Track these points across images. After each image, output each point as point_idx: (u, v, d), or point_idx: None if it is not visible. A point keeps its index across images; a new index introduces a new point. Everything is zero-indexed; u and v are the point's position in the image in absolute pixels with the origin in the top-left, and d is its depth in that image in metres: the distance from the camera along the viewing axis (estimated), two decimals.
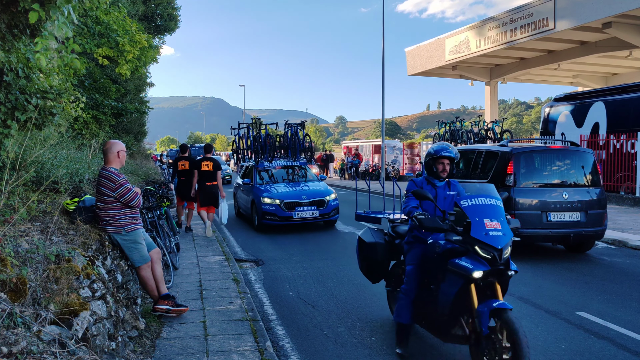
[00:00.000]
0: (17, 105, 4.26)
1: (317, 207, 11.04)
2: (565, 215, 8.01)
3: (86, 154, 7.35)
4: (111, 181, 4.80)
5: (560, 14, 18.99)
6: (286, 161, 13.15)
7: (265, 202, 11.05)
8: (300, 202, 10.99)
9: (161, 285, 5.25)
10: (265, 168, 12.65)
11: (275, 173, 12.67)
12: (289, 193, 11.19)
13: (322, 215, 11.12)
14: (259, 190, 11.53)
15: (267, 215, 10.97)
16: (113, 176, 4.82)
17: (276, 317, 5.64)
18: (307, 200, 11.04)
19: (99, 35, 9.76)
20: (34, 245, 3.55)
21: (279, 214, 10.88)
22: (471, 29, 24.16)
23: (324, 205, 11.15)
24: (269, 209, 10.93)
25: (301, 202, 11.00)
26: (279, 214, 10.88)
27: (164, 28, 24.38)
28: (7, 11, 3.32)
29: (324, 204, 11.18)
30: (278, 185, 11.75)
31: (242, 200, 13.17)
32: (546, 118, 17.75)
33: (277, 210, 10.88)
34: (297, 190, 11.36)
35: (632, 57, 22.26)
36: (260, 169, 12.58)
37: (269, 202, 11.00)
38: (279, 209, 10.88)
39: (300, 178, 12.71)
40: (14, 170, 4.16)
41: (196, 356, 4.19)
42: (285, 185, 11.79)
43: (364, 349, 4.66)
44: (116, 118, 13.69)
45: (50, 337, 2.68)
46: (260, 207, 11.07)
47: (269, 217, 10.96)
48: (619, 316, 5.41)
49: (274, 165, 12.81)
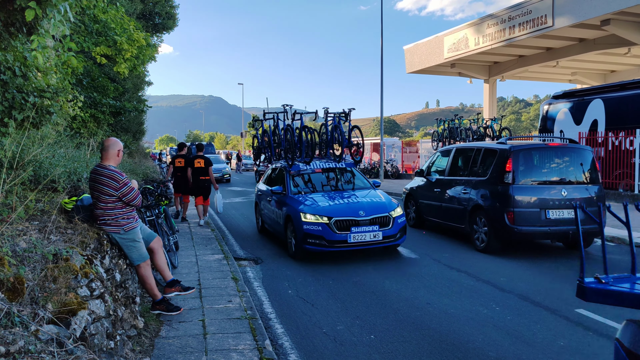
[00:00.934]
0: (14, 104, 4.25)
1: (380, 226, 7.99)
2: (564, 213, 8.01)
3: (84, 152, 7.33)
4: (115, 180, 4.77)
5: (558, 11, 18.98)
6: (328, 162, 9.85)
7: (307, 219, 8.03)
8: (358, 220, 7.92)
9: (166, 273, 5.31)
10: (301, 172, 9.56)
11: (314, 178, 9.60)
12: (339, 207, 8.16)
13: (386, 238, 8.02)
14: (296, 202, 8.54)
15: (310, 239, 7.97)
16: (116, 175, 4.80)
17: (275, 315, 5.64)
18: (366, 217, 7.98)
19: (97, 34, 9.74)
20: (31, 244, 3.54)
21: (327, 237, 7.85)
22: (470, 26, 24.14)
23: (389, 225, 8.07)
24: (314, 230, 7.94)
25: (358, 219, 7.93)
26: (328, 236, 7.85)
27: (162, 26, 24.34)
28: (3, 9, 3.31)
29: (389, 222, 8.09)
30: (320, 196, 8.71)
31: (268, 213, 10.04)
32: (545, 115, 17.75)
33: (324, 231, 7.88)
34: (348, 202, 8.32)
35: (630, 55, 22.25)
36: (294, 173, 9.50)
37: (313, 221, 7.99)
38: (328, 230, 7.86)
39: (347, 185, 9.60)
40: (11, 169, 4.14)
41: (195, 355, 4.19)
42: (329, 195, 8.76)
43: (362, 347, 4.66)
44: (114, 117, 13.67)
45: (48, 336, 2.67)
46: (301, 227, 8.04)
47: (313, 240, 7.96)
48: (618, 313, 5.41)
49: (312, 167, 9.67)
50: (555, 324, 5.14)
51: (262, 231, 11.01)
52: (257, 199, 11.25)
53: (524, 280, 6.78)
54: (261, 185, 11.20)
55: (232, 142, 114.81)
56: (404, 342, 4.73)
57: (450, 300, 5.95)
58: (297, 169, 9.51)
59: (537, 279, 6.86)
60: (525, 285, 6.54)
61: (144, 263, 5.02)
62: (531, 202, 8.01)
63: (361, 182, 9.72)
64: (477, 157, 9.24)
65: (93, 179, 4.82)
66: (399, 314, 5.53)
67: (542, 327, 5.04)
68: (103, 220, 4.81)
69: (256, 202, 11.38)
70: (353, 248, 7.93)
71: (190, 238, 9.70)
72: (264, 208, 10.45)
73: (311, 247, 8.01)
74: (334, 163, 9.83)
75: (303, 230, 8.01)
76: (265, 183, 10.94)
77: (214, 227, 11.15)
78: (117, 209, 4.84)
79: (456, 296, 6.12)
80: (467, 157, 9.68)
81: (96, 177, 4.80)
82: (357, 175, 9.87)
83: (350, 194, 8.82)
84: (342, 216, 7.94)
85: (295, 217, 8.23)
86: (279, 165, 10.42)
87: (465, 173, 9.55)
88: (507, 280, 6.80)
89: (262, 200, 10.64)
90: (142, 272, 5.04)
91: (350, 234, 7.83)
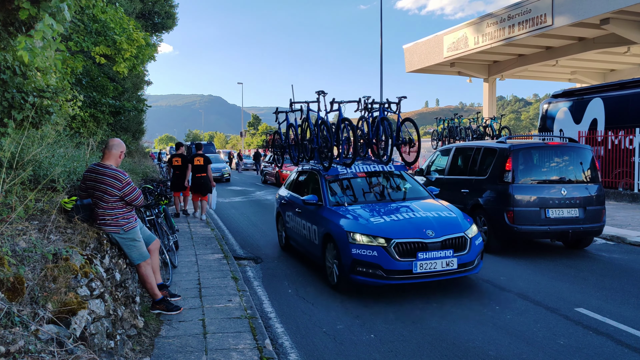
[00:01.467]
0: (13, 103, 4.25)
1: (454, 251, 6.03)
2: (564, 212, 8.01)
3: (84, 152, 7.32)
4: (118, 180, 4.76)
5: (558, 10, 18.98)
6: (373, 165, 7.89)
7: (356, 241, 6.06)
8: (426, 243, 5.94)
9: (157, 275, 5.31)
10: (340, 176, 7.64)
11: (356, 185, 7.66)
12: (399, 225, 6.16)
13: (462, 266, 6.07)
14: (339, 216, 6.59)
15: (361, 267, 5.97)
16: (120, 175, 4.79)
17: (275, 314, 5.64)
18: (436, 238, 6.00)
19: (96, 34, 9.74)
20: (31, 244, 3.54)
21: (386, 266, 5.85)
22: (469, 25, 24.14)
23: (465, 249, 6.13)
24: (366, 256, 5.93)
25: (426, 242, 5.95)
26: (387, 264, 5.85)
27: (161, 26, 24.34)
28: (2, 8, 3.30)
29: (465, 244, 6.15)
30: (367, 209, 6.71)
31: (297, 228, 7.99)
32: (544, 115, 17.75)
33: (382, 257, 5.88)
34: (410, 218, 6.32)
35: (630, 53, 22.26)
36: (330, 178, 7.59)
37: (365, 243, 6.00)
38: (386, 257, 5.86)
39: (397, 193, 7.60)
40: (11, 169, 4.14)
41: (195, 354, 4.19)
42: (379, 208, 6.76)
43: (362, 347, 4.66)
44: (114, 116, 13.67)
45: (48, 336, 2.67)
46: (347, 251, 6.07)
47: (364, 269, 5.95)
48: (617, 312, 5.42)
49: (354, 171, 7.71)
50: (555, 323, 5.15)
51: (286, 248, 8.94)
52: (280, 208, 9.14)
53: (523, 279, 6.78)
54: (283, 191, 9.36)
55: (231, 142, 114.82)
56: (403, 341, 4.74)
57: (449, 300, 5.95)
58: (335, 173, 7.61)
59: (537, 278, 6.86)
60: (525, 284, 6.55)
61: (145, 262, 5.02)
62: (531, 201, 8.01)
63: (416, 189, 7.72)
64: (477, 157, 9.24)
65: (93, 178, 4.79)
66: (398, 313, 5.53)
67: (542, 326, 5.04)
68: (103, 220, 4.80)
69: (278, 212, 9.30)
70: (420, 280, 5.97)
71: (190, 237, 9.70)
72: (290, 221, 8.38)
73: (362, 279, 6.00)
74: (380, 165, 7.85)
75: (351, 256, 6.00)
76: (289, 189, 9.08)
77: (214, 226, 11.15)
78: (117, 209, 4.83)
79: (455, 295, 6.12)
80: (467, 156, 9.68)
81: (97, 176, 4.78)
82: (410, 181, 7.92)
83: (407, 205, 6.84)
84: (405, 237, 5.94)
85: (338, 237, 6.27)
86: (308, 168, 8.52)
87: (464, 172, 9.55)
88: (507, 279, 6.80)
89: (288, 210, 8.59)
90: (143, 272, 5.04)
91: (416, 262, 5.83)
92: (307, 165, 8.72)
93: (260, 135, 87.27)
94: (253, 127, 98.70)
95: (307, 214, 7.48)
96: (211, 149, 35.24)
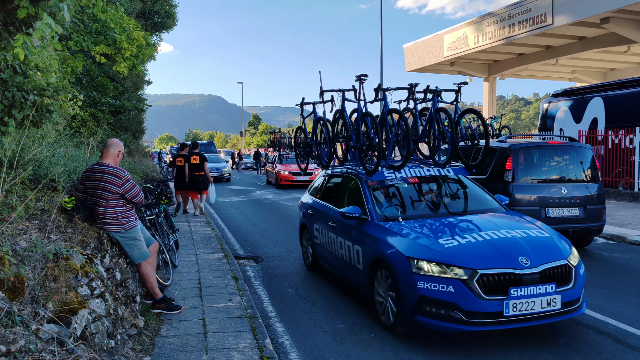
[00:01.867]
0: (14, 102, 4.25)
1: (557, 284, 4.54)
2: (564, 211, 8.01)
3: (84, 151, 7.33)
4: (118, 177, 4.77)
5: (558, 9, 18.98)
6: (426, 167, 6.35)
7: (422, 270, 4.59)
8: (520, 276, 4.44)
9: None
10: (387, 182, 6.06)
11: (407, 193, 6.14)
12: (479, 248, 4.69)
13: (566, 304, 4.57)
14: (393, 235, 5.12)
15: (430, 306, 4.53)
16: (119, 172, 4.80)
17: (275, 314, 5.64)
18: (533, 268, 4.49)
19: (96, 33, 9.74)
20: (32, 243, 3.54)
21: (465, 305, 4.38)
22: (469, 24, 24.13)
23: (570, 281, 4.65)
24: (438, 292, 4.47)
25: (521, 273, 4.45)
26: (467, 304, 4.38)
27: (161, 25, 24.34)
28: (2, 8, 3.30)
29: (570, 276, 4.68)
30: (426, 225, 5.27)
31: (331, 246, 6.49)
32: (544, 114, 17.75)
33: (460, 294, 4.40)
34: (492, 240, 4.81)
35: (630, 53, 22.26)
36: (375, 185, 6.07)
37: (437, 274, 4.53)
38: (466, 293, 4.39)
39: (458, 204, 6.11)
40: (11, 169, 4.14)
41: (195, 354, 4.19)
42: (440, 224, 5.33)
43: (363, 346, 4.66)
44: (114, 116, 13.68)
45: (49, 335, 2.67)
46: (411, 284, 4.59)
47: (435, 310, 4.52)
48: (618, 311, 5.42)
49: (403, 175, 6.15)
50: (554, 322, 5.14)
51: (314, 268, 7.43)
52: (306, 219, 7.65)
53: None
54: (307, 197, 7.94)
55: (231, 141, 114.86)
56: (404, 341, 4.73)
57: None
58: (381, 178, 6.05)
59: None
60: None
61: (145, 262, 5.02)
62: (531, 200, 8.01)
63: (482, 198, 6.16)
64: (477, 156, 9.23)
65: (92, 177, 4.78)
66: None
67: (542, 326, 5.04)
68: (103, 218, 4.79)
69: (303, 223, 7.82)
70: (512, 326, 4.40)
71: (191, 237, 9.71)
72: (321, 236, 6.88)
73: (432, 322, 4.51)
74: (435, 168, 6.31)
75: (417, 291, 4.52)
76: (317, 196, 7.55)
77: (214, 226, 11.15)
78: (117, 207, 4.83)
79: None
80: (467, 155, 9.66)
81: (97, 174, 4.77)
82: (473, 188, 6.36)
83: (479, 221, 5.35)
84: (491, 267, 4.43)
85: (396, 264, 4.74)
86: (341, 171, 7.02)
87: None
88: None
89: (317, 223, 7.09)
90: (144, 271, 5.04)
91: (507, 301, 4.33)
92: (339, 167, 7.22)
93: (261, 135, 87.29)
94: (253, 127, 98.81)
95: (346, 230, 5.97)
96: (212, 148, 35.33)
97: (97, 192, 4.77)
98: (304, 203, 7.98)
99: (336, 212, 6.36)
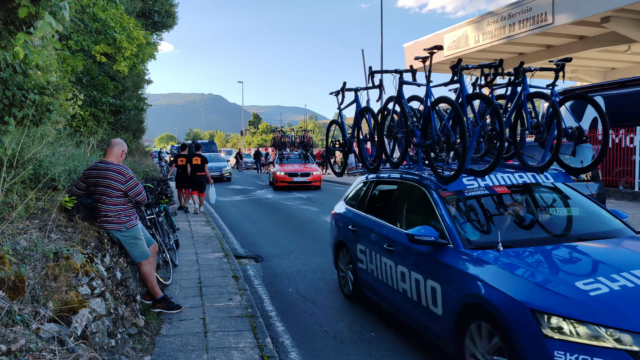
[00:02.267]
0: (14, 101, 4.25)
1: None
2: None
3: (84, 151, 7.33)
4: (121, 174, 4.78)
5: (558, 8, 18.97)
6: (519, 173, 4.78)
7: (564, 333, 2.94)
8: None
9: None
10: (468, 192, 4.48)
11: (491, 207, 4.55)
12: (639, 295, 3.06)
13: None
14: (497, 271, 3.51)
15: None
16: (123, 169, 4.81)
17: (275, 313, 5.64)
18: None
19: (96, 32, 9.73)
20: (32, 242, 3.54)
21: None
22: (470, 24, 24.12)
23: None
24: None
25: None
26: None
27: (161, 25, 24.34)
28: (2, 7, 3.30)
29: None
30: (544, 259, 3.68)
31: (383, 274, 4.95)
32: (545, 113, 17.74)
33: None
34: None
35: (630, 52, 22.24)
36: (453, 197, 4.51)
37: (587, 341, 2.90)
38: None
39: (561, 222, 4.57)
40: (11, 168, 4.14)
41: (196, 353, 4.19)
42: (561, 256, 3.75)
43: (363, 345, 4.66)
44: (114, 115, 13.69)
45: (49, 334, 2.67)
46: (544, 354, 2.93)
47: None
48: None
49: (489, 183, 4.52)
50: None
51: (355, 299, 5.90)
52: (343, 235, 6.10)
53: None
54: (344, 207, 6.45)
55: (232, 140, 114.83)
56: (404, 340, 4.73)
57: None
58: (460, 188, 4.48)
59: None
60: None
61: (146, 261, 5.03)
62: None
63: (598, 215, 4.61)
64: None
65: (96, 175, 4.78)
66: None
67: None
68: (105, 216, 4.79)
69: (340, 241, 6.24)
70: None
71: (191, 236, 9.71)
72: (369, 261, 5.33)
73: None
74: (531, 174, 4.77)
75: None
76: (360, 208, 5.98)
77: (214, 225, 11.15)
78: (120, 205, 4.83)
79: None
80: None
81: (100, 172, 4.78)
82: (582, 201, 4.79)
83: (616, 251, 3.93)
84: None
85: (509, 319, 3.18)
86: (397, 177, 5.37)
87: None
88: None
89: (362, 243, 5.54)
90: (144, 270, 5.04)
91: None
92: (390, 172, 5.62)
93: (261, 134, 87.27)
94: (253, 126, 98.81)
95: (411, 257, 4.47)
96: (213, 147, 35.38)
97: (101, 189, 4.77)
98: (340, 215, 6.35)
99: (395, 232, 4.83)
